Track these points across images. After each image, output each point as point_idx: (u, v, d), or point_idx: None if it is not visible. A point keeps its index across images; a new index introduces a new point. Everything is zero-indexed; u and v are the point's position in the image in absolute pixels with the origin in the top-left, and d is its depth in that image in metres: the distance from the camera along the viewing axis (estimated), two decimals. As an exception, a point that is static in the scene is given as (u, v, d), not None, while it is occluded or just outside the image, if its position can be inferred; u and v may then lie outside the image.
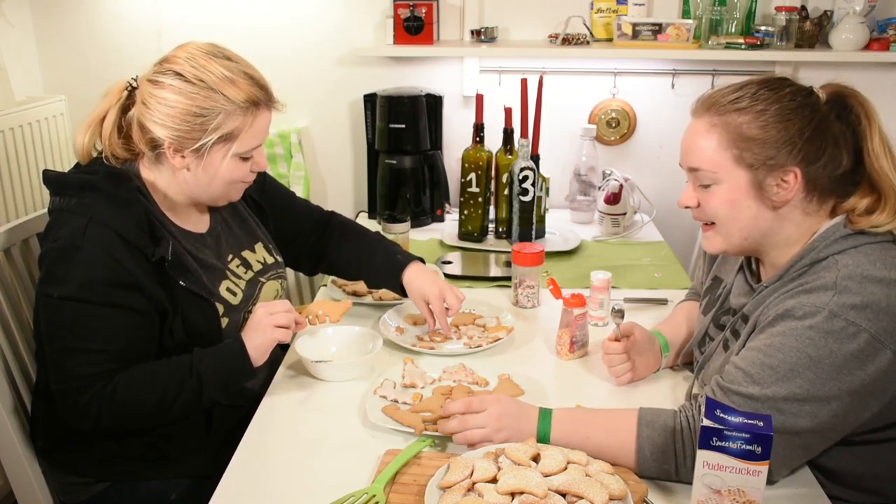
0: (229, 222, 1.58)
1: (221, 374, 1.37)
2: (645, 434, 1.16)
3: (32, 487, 1.51)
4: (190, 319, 1.39)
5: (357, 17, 2.51)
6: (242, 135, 1.37)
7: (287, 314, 1.41)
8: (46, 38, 2.57)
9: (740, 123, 1.18)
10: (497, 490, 1.05)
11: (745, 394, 1.12)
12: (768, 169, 1.17)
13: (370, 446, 1.27)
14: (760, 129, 1.17)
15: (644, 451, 1.16)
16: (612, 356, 1.44)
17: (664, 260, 2.11)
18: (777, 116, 1.17)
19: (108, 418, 1.32)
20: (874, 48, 2.30)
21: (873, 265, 1.13)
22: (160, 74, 1.35)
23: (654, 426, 1.17)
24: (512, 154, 2.17)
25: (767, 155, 1.17)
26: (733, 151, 1.18)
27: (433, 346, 1.59)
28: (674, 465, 1.15)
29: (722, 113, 1.20)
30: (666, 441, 1.15)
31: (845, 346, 1.09)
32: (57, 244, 1.31)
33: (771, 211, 1.20)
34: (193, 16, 2.50)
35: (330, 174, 2.69)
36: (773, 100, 1.18)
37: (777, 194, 1.18)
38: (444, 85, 2.53)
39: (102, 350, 1.32)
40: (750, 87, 1.20)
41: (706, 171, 1.21)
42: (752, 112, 1.18)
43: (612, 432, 1.19)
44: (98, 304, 1.30)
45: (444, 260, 2.06)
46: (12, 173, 2.29)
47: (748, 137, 1.17)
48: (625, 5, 2.40)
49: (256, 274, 1.57)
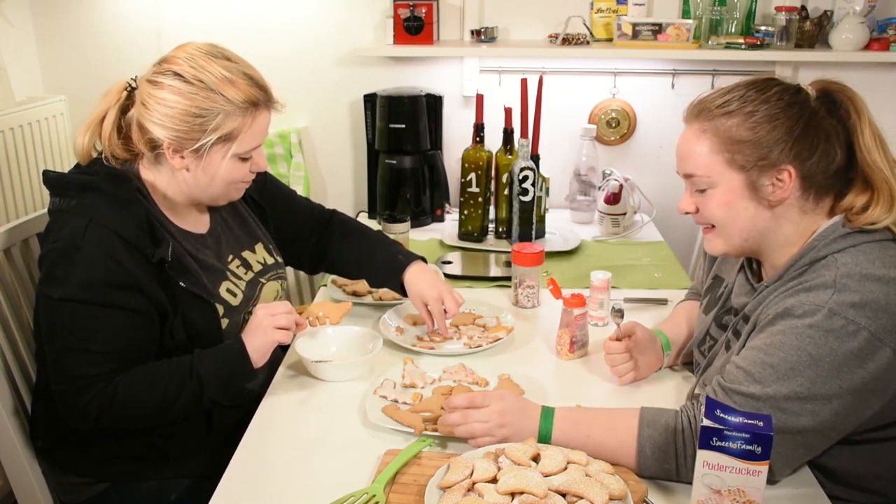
0: (229, 222, 1.58)
1: (222, 375, 1.37)
2: (646, 433, 1.16)
3: (32, 487, 1.51)
4: (190, 320, 1.39)
5: (357, 17, 2.51)
6: (242, 135, 1.37)
7: (287, 315, 1.41)
8: (46, 38, 2.57)
9: (730, 126, 1.19)
10: (497, 490, 1.05)
11: (746, 393, 1.12)
12: (761, 169, 1.18)
13: (370, 446, 1.27)
14: (750, 130, 1.17)
15: (645, 451, 1.16)
16: (614, 356, 1.44)
17: (664, 260, 2.11)
18: (766, 116, 1.17)
19: (108, 419, 1.32)
20: (874, 48, 2.30)
21: (872, 263, 1.13)
22: (159, 75, 1.35)
23: (656, 426, 1.17)
24: (512, 154, 2.17)
25: (759, 155, 1.17)
26: (725, 155, 1.19)
27: (433, 346, 1.59)
28: (674, 464, 1.15)
29: (711, 118, 1.21)
30: (667, 440, 1.15)
31: (845, 344, 1.09)
32: (57, 245, 1.31)
33: (768, 210, 1.20)
34: (193, 16, 2.50)
35: (330, 174, 2.69)
36: (760, 101, 1.18)
37: (773, 193, 1.19)
38: (444, 85, 2.53)
39: (102, 351, 1.31)
40: (738, 90, 1.21)
41: (700, 176, 1.22)
42: (740, 114, 1.18)
43: (613, 431, 1.19)
44: (98, 304, 1.30)
45: (444, 260, 2.06)
46: (12, 173, 2.29)
47: (738, 140, 1.18)
48: (625, 5, 2.40)
49: (256, 274, 1.57)
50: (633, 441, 1.17)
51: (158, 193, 1.43)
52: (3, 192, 2.27)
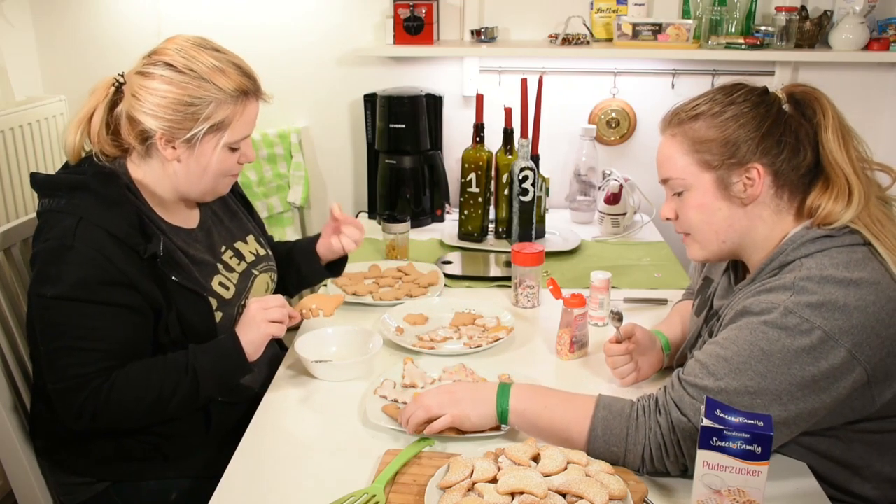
0: (220, 215, 1.59)
1: (217, 369, 1.37)
2: (601, 415, 1.19)
3: (32, 488, 1.51)
4: (184, 315, 1.39)
5: (357, 17, 2.51)
6: (233, 124, 1.38)
7: (280, 309, 1.41)
8: (46, 38, 2.57)
9: (698, 128, 1.23)
10: (497, 490, 1.05)
11: (700, 385, 1.14)
12: (730, 167, 1.21)
13: (370, 446, 1.27)
14: (717, 129, 1.21)
15: (596, 430, 1.18)
16: (615, 358, 1.45)
17: (664, 260, 2.11)
18: (732, 116, 1.21)
19: (105, 417, 1.32)
20: (874, 48, 2.30)
21: (836, 267, 1.14)
22: (150, 66, 1.36)
23: (611, 409, 1.19)
24: (512, 154, 2.17)
25: (727, 153, 1.21)
26: (695, 156, 1.23)
27: (433, 346, 1.59)
28: (623, 449, 1.17)
29: (681, 122, 1.25)
30: (619, 425, 1.18)
31: (797, 340, 1.10)
32: (48, 244, 1.32)
33: (741, 209, 1.23)
34: (193, 16, 2.51)
35: (330, 174, 2.70)
36: (726, 102, 1.23)
37: (744, 192, 1.21)
38: (444, 85, 2.53)
39: (97, 349, 1.31)
40: (706, 95, 1.26)
41: (675, 178, 1.26)
42: (707, 116, 1.23)
43: (569, 406, 1.22)
44: (91, 302, 1.30)
45: (444, 260, 2.06)
46: (12, 173, 2.29)
47: (705, 139, 1.22)
48: (625, 5, 2.40)
49: (250, 265, 1.57)
50: (586, 419, 1.19)
51: (147, 190, 1.43)
52: (3, 192, 2.27)
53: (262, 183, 2.58)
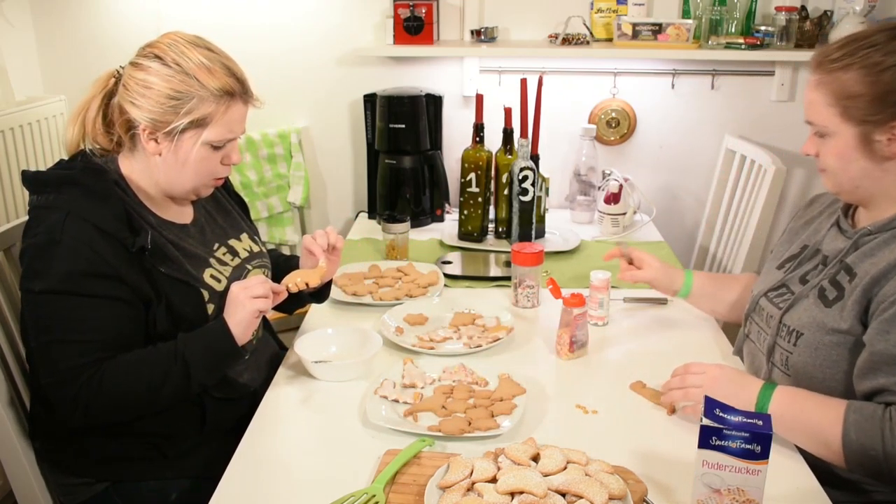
0: (213, 214, 1.59)
1: (207, 355, 1.37)
2: (852, 419, 1.17)
3: (32, 488, 1.51)
4: (175, 307, 1.39)
5: (357, 17, 2.51)
6: (214, 122, 1.38)
7: (262, 284, 1.40)
8: (46, 38, 2.58)
9: (846, 80, 1.22)
10: (497, 490, 1.05)
11: None
12: (875, 124, 1.21)
13: (370, 446, 1.27)
14: (868, 85, 1.21)
15: (850, 434, 1.16)
16: (610, 254, 1.69)
17: (664, 260, 2.10)
18: (887, 68, 1.20)
19: (97, 409, 1.32)
20: (874, 48, 2.30)
21: None
22: (143, 58, 1.38)
23: (862, 412, 1.17)
24: (512, 154, 2.17)
25: (874, 110, 1.21)
26: (840, 108, 1.23)
27: (433, 346, 1.59)
28: (881, 452, 1.13)
29: (829, 71, 1.24)
30: (873, 427, 1.15)
31: None
32: (36, 239, 1.32)
33: (879, 165, 1.24)
34: (193, 16, 2.51)
35: (330, 174, 2.70)
36: (887, 51, 1.21)
37: (888, 148, 1.22)
38: (444, 85, 2.53)
39: (86, 341, 1.31)
40: (855, 43, 1.23)
41: (817, 124, 1.28)
42: (859, 67, 1.21)
43: (825, 407, 1.20)
44: (79, 295, 1.30)
45: (444, 260, 2.06)
46: (12, 173, 2.30)
47: (854, 94, 1.21)
48: (625, 5, 2.41)
49: (243, 261, 1.57)
50: (839, 422, 1.17)
51: (136, 185, 1.44)
52: (3, 192, 2.27)
53: (262, 183, 2.58)
